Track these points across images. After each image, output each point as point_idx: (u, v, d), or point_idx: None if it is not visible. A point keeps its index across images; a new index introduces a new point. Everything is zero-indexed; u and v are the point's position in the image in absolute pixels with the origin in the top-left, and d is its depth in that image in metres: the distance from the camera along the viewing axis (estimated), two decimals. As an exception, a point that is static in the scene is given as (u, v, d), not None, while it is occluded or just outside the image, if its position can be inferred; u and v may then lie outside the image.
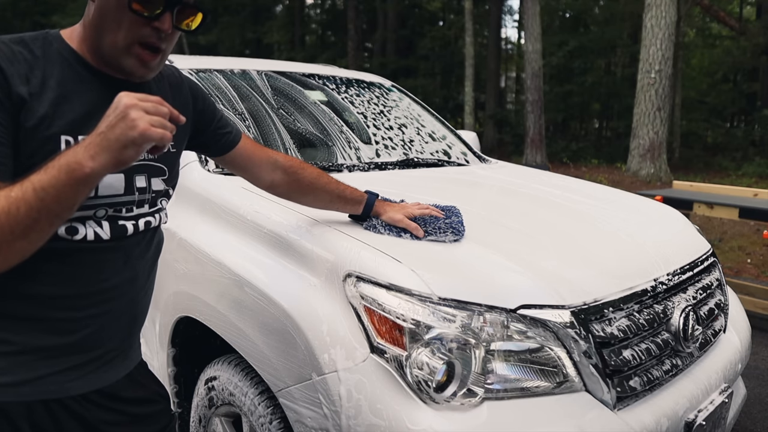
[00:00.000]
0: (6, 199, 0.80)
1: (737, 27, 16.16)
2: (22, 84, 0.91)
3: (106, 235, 1.01)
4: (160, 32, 0.96)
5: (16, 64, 0.91)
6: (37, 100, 0.92)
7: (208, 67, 2.35)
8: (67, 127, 0.94)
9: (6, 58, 0.91)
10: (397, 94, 3.01)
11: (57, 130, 0.93)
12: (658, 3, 10.55)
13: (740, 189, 3.91)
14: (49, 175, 0.80)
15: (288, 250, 1.46)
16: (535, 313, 1.29)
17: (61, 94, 0.94)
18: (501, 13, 21.50)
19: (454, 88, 23.94)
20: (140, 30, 0.95)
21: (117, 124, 0.81)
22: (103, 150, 0.81)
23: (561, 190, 2.19)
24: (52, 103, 0.93)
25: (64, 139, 0.93)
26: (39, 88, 0.92)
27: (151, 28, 0.95)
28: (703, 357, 1.64)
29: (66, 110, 0.94)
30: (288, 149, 2.14)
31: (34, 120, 0.91)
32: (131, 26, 0.94)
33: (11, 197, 0.80)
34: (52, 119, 0.93)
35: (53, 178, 0.80)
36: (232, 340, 1.50)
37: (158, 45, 0.97)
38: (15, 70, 0.91)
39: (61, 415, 1.03)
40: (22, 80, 0.91)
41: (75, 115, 0.95)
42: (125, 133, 0.81)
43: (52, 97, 0.93)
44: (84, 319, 1.03)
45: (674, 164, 13.33)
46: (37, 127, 0.91)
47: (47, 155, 0.90)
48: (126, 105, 0.82)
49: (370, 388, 1.22)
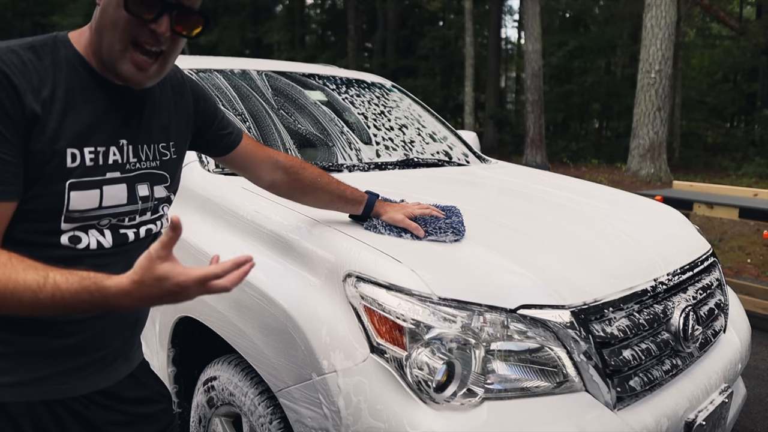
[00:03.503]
0: (34, 298, 0.81)
1: (737, 27, 16.15)
2: (35, 99, 0.90)
3: (108, 243, 1.02)
4: (156, 35, 0.94)
5: (28, 76, 0.90)
6: (47, 113, 0.91)
7: (208, 67, 2.35)
8: (73, 140, 0.94)
9: (18, 71, 0.89)
10: (397, 94, 3.01)
11: (64, 143, 0.93)
12: (658, 3, 10.55)
13: (740, 189, 3.90)
14: (85, 304, 0.82)
15: (288, 250, 1.46)
16: (535, 313, 1.29)
17: (67, 105, 0.94)
18: (501, 13, 21.49)
19: (454, 88, 23.93)
20: (136, 31, 0.94)
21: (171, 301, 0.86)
22: (143, 304, 0.85)
23: (561, 190, 2.19)
24: (59, 115, 0.93)
25: (70, 152, 0.94)
26: (49, 101, 0.92)
27: (148, 30, 0.94)
28: (703, 357, 1.64)
29: (71, 122, 0.94)
30: (288, 149, 2.14)
31: (43, 135, 0.91)
32: (127, 27, 0.93)
33: (39, 300, 0.81)
34: (59, 132, 0.92)
35: (88, 306, 0.83)
36: (232, 340, 1.50)
37: (156, 48, 0.96)
38: (27, 85, 0.90)
39: (64, 416, 1.03)
40: (34, 95, 0.90)
41: (80, 127, 0.95)
42: (174, 302, 0.87)
43: (59, 108, 0.93)
44: (85, 321, 1.03)
45: (674, 164, 13.33)
46: (46, 141, 0.91)
47: (53, 168, 0.92)
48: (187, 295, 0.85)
49: (370, 389, 1.22)
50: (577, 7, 21.12)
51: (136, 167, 1.05)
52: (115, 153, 1.01)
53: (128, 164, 1.03)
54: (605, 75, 21.35)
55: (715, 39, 20.02)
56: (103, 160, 0.98)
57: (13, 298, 0.80)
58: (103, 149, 0.99)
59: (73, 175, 0.94)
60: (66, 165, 0.93)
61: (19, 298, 0.80)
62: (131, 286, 0.82)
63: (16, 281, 0.80)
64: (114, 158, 1.00)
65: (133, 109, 1.05)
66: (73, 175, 0.94)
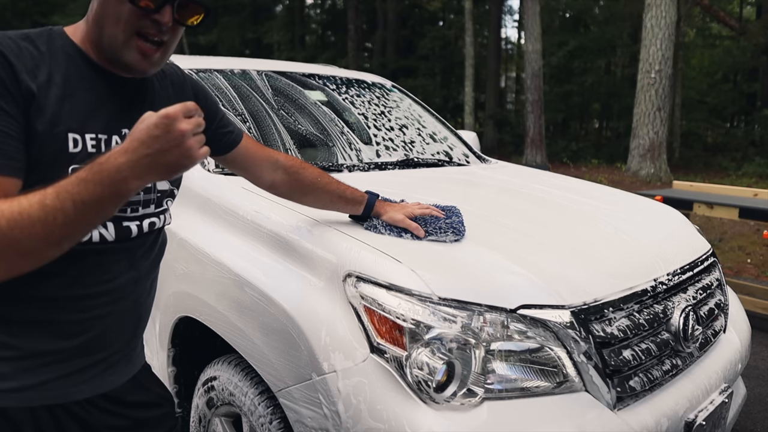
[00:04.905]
0: (42, 209, 0.79)
1: (737, 27, 16.16)
2: (30, 79, 0.90)
3: (111, 236, 1.01)
4: (160, 25, 0.95)
5: (23, 59, 0.91)
6: (44, 95, 0.92)
7: (208, 67, 2.35)
8: (74, 125, 0.94)
9: (13, 53, 0.90)
10: (397, 94, 3.01)
11: (64, 127, 0.93)
12: (658, 3, 10.55)
13: (740, 189, 3.90)
14: (90, 190, 0.80)
15: (288, 250, 1.46)
16: (535, 313, 1.29)
17: (66, 91, 0.94)
18: (501, 13, 21.49)
19: (454, 88, 23.93)
20: (139, 22, 0.95)
21: (170, 150, 0.81)
22: (151, 172, 0.82)
23: (561, 190, 2.19)
24: (58, 100, 0.93)
25: (71, 137, 0.94)
26: (45, 84, 0.92)
27: (151, 20, 0.95)
28: (703, 357, 1.64)
29: (71, 107, 0.94)
30: (288, 149, 2.14)
31: (41, 116, 0.91)
32: (131, 18, 0.94)
33: (47, 206, 0.79)
34: (59, 116, 0.93)
35: (95, 193, 0.80)
36: (232, 340, 1.50)
37: (159, 38, 0.97)
38: (23, 65, 0.90)
39: (65, 420, 1.03)
40: (30, 75, 0.91)
41: (80, 113, 0.95)
42: (180, 162, 0.83)
43: (57, 93, 0.93)
44: (89, 320, 1.03)
45: (674, 164, 13.33)
46: (45, 123, 0.91)
47: (54, 152, 0.91)
48: (181, 132, 0.81)
49: (370, 389, 1.22)
50: (577, 7, 21.12)
51: None
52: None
53: None
54: (605, 75, 21.36)
55: (715, 39, 20.02)
56: (106, 148, 0.98)
57: (23, 219, 0.78)
58: (105, 137, 0.98)
59: (75, 160, 0.94)
60: (68, 150, 0.93)
61: (29, 215, 0.78)
62: (126, 141, 0.81)
63: (20, 201, 0.80)
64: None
65: (135, 98, 1.05)
66: (76, 161, 0.94)
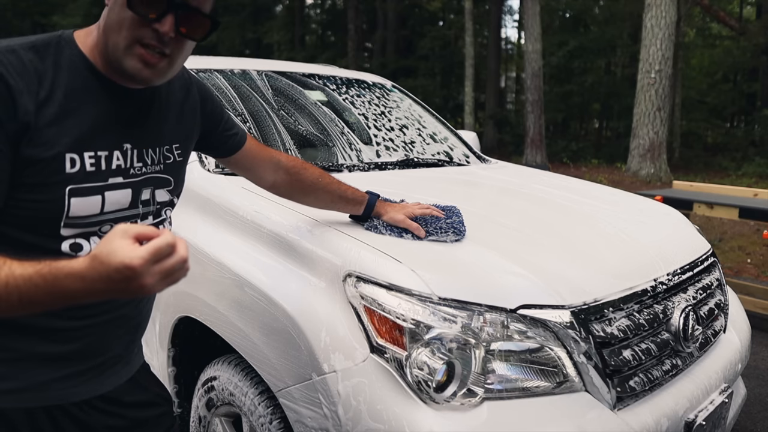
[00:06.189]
0: None
1: (737, 27, 16.15)
2: (30, 100, 0.88)
3: None
4: (160, 35, 0.91)
5: (27, 78, 0.88)
6: (42, 116, 0.89)
7: (208, 67, 2.35)
8: (72, 145, 0.92)
9: (17, 72, 0.87)
10: (397, 94, 3.01)
11: (62, 149, 0.91)
12: (658, 3, 10.55)
13: (740, 189, 3.90)
14: (39, 296, 0.76)
15: (288, 250, 1.46)
16: (535, 313, 1.29)
17: (67, 108, 0.92)
18: (501, 13, 21.50)
19: (454, 88, 23.93)
20: (140, 31, 0.91)
21: (129, 290, 0.74)
22: (106, 296, 0.76)
23: (561, 190, 2.19)
24: (58, 119, 0.90)
25: (68, 157, 0.91)
26: (47, 104, 0.90)
27: (152, 29, 0.91)
28: (703, 357, 1.64)
29: (71, 126, 0.92)
30: (288, 150, 2.14)
31: (39, 139, 0.89)
32: (131, 26, 0.91)
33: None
34: (57, 137, 0.90)
35: (43, 301, 0.77)
36: (232, 340, 1.50)
37: (160, 49, 0.92)
38: (24, 85, 0.88)
39: (63, 421, 1.02)
40: (30, 95, 0.88)
41: (80, 131, 0.93)
42: (139, 294, 0.75)
43: (58, 112, 0.91)
44: (87, 327, 1.02)
45: (674, 164, 13.33)
46: (40, 147, 0.89)
47: (50, 174, 0.90)
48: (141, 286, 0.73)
49: (370, 389, 1.22)
50: (577, 7, 21.12)
51: (141, 172, 1.03)
52: (119, 158, 0.99)
53: (132, 169, 1.01)
54: (605, 75, 21.35)
55: (715, 39, 20.03)
56: (106, 165, 0.97)
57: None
58: (105, 153, 0.96)
59: (73, 181, 0.92)
60: (65, 170, 0.91)
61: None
62: (84, 263, 0.74)
63: None
64: (117, 163, 0.98)
65: (139, 110, 1.03)
66: (73, 181, 0.92)
